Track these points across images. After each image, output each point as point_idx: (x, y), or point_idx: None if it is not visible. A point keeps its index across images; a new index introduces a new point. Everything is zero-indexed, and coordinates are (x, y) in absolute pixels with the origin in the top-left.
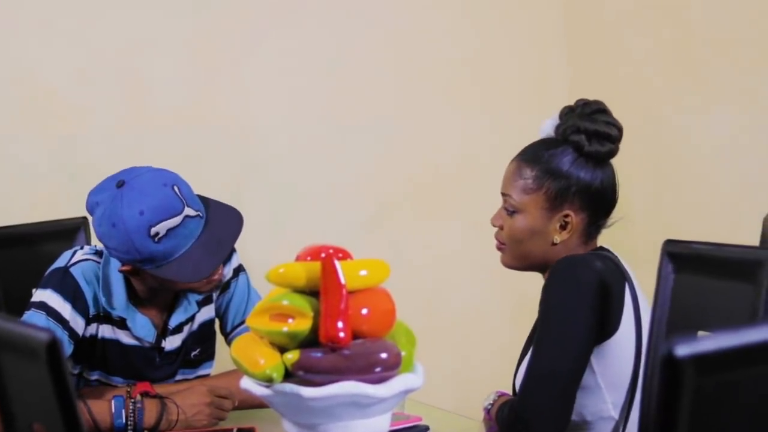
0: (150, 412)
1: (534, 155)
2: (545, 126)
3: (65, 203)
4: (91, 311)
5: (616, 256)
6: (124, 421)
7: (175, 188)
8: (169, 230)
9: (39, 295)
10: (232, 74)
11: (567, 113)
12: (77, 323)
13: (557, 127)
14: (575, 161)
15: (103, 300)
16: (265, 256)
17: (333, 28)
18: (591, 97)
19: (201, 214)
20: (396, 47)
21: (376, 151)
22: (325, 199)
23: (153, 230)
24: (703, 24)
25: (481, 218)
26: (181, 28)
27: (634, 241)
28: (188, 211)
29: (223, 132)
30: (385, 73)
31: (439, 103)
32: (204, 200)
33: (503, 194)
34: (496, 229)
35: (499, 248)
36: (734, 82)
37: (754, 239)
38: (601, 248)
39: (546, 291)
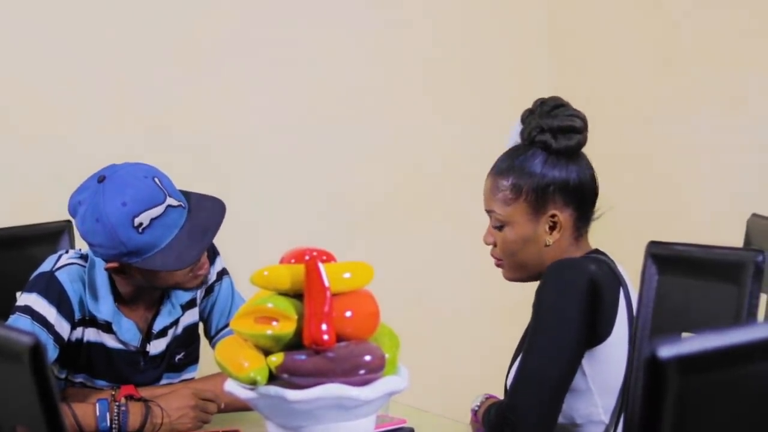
0: (134, 415)
1: (505, 166)
2: (512, 134)
3: (49, 206)
4: (77, 315)
5: (612, 261)
6: (108, 424)
7: (156, 179)
8: (153, 220)
9: (24, 299)
10: (216, 77)
11: (528, 116)
12: (62, 327)
13: (521, 132)
14: (546, 161)
15: (89, 304)
16: (249, 259)
17: (317, 31)
18: (576, 99)
19: (183, 205)
20: (381, 50)
21: (360, 154)
22: (309, 201)
23: (136, 221)
24: (688, 25)
25: (466, 220)
26: (167, 30)
27: (617, 242)
28: (170, 201)
29: (207, 134)
30: (369, 76)
31: (423, 105)
32: (185, 193)
33: (487, 211)
34: (483, 232)
35: (497, 265)
36: (719, 84)
37: (738, 240)
38: (597, 251)
39: (538, 294)
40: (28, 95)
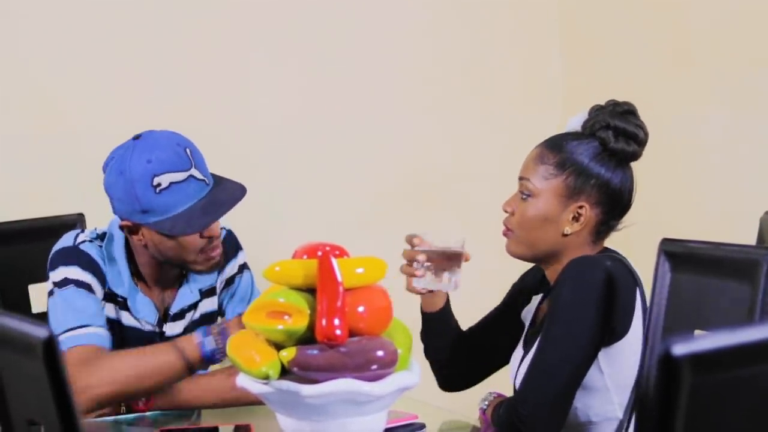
0: (236, 329)
1: (559, 143)
2: (572, 121)
3: (62, 199)
4: (102, 289)
5: (625, 258)
6: (214, 345)
7: (188, 150)
8: (172, 184)
9: (58, 274)
10: (229, 73)
11: (597, 110)
12: (100, 293)
13: (585, 123)
14: (598, 155)
15: (108, 278)
16: (262, 254)
17: (329, 27)
18: (586, 95)
19: (207, 182)
20: (391, 46)
21: (372, 149)
22: (321, 197)
23: (156, 180)
24: (699, 22)
25: (477, 215)
26: (178, 25)
27: (630, 239)
28: (194, 172)
29: (219, 129)
30: (381, 72)
31: (435, 101)
32: (216, 177)
33: (521, 178)
34: (494, 228)
35: (505, 234)
36: (731, 81)
37: (751, 238)
38: (608, 249)
39: (557, 290)
40: (42, 91)
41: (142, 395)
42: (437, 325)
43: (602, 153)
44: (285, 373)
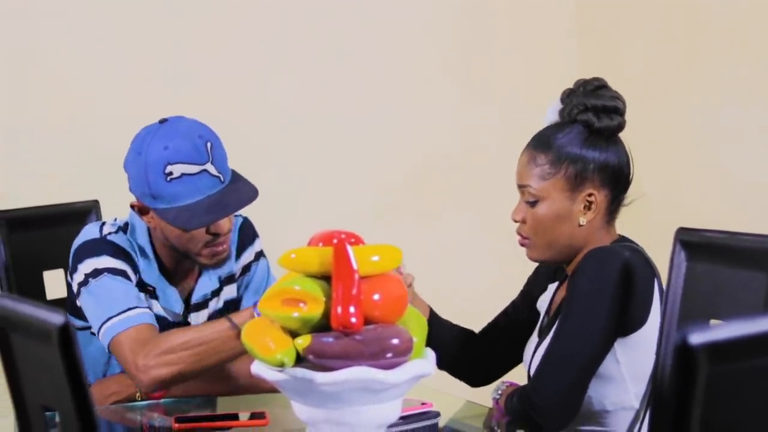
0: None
1: (545, 141)
2: (549, 113)
3: (76, 186)
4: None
5: (643, 249)
6: None
7: (208, 144)
8: (184, 175)
9: (88, 265)
10: (245, 65)
11: (569, 95)
12: (134, 280)
13: (561, 111)
14: (587, 139)
15: (140, 267)
16: (278, 242)
17: (338, 18)
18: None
19: (222, 179)
20: (404, 36)
21: (383, 140)
22: (337, 186)
23: (168, 168)
24: (716, 9)
25: (488, 205)
26: (197, 16)
27: (646, 228)
28: (209, 167)
29: (235, 118)
30: (394, 62)
31: (445, 91)
32: (236, 175)
33: (521, 186)
34: (502, 216)
35: (522, 243)
36: (749, 69)
37: (767, 228)
38: (624, 238)
39: (574, 281)
40: (59, 79)
41: (200, 372)
42: (430, 336)
43: (590, 136)
44: (300, 360)
